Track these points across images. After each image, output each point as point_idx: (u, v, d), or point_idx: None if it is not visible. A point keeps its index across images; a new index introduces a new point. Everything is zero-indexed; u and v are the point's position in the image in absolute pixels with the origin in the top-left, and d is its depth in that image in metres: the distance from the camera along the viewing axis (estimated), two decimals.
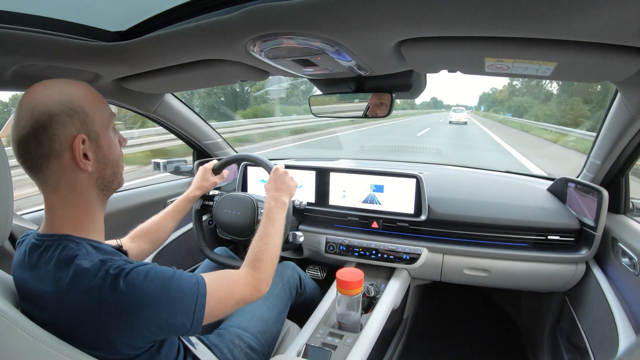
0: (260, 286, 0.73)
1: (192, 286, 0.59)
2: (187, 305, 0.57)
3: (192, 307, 0.58)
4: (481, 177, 1.60)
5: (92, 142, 0.58)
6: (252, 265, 0.75)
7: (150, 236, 0.97)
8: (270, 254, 0.79)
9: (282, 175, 0.99)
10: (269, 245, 0.80)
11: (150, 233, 0.97)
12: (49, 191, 0.57)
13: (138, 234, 0.95)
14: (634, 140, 0.99)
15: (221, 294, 0.64)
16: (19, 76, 0.87)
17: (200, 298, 0.59)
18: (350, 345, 0.89)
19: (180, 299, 0.57)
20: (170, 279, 0.57)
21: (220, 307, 0.64)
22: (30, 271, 0.56)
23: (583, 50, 0.61)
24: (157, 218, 1.01)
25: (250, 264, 0.76)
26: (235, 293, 0.68)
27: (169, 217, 1.02)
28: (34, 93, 0.55)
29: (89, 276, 0.51)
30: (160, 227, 1.00)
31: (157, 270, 0.56)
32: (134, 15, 0.77)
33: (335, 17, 0.59)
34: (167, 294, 0.55)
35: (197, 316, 0.58)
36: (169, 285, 0.56)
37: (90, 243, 0.57)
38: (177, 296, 0.56)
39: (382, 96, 1.07)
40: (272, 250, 0.80)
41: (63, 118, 0.54)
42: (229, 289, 0.67)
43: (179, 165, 1.66)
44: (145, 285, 0.53)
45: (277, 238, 0.84)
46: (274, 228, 0.85)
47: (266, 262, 0.77)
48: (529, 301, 1.57)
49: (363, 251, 1.28)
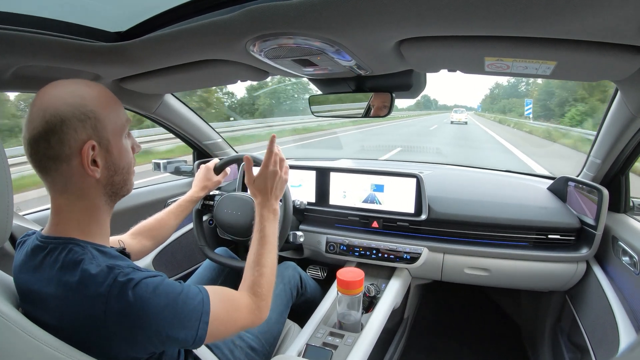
0: (262, 314, 0.72)
1: (198, 304, 0.58)
2: (190, 322, 0.57)
3: (196, 325, 0.57)
4: (481, 177, 1.60)
5: (102, 149, 0.56)
6: (253, 292, 0.73)
7: (153, 233, 0.96)
8: (267, 277, 0.76)
9: (269, 176, 0.83)
10: (266, 267, 0.76)
11: (152, 230, 0.96)
12: (57, 193, 0.56)
13: (140, 230, 0.95)
14: (634, 139, 0.99)
15: (224, 316, 0.63)
16: (19, 77, 0.87)
17: (204, 316, 0.58)
18: (351, 345, 0.89)
19: (186, 315, 0.56)
20: (178, 295, 0.56)
21: (221, 329, 0.63)
22: (33, 273, 0.55)
23: (583, 49, 0.61)
24: (159, 216, 1.01)
25: (251, 290, 0.73)
26: (238, 320, 0.67)
27: (172, 216, 1.02)
28: (48, 94, 0.54)
29: (96, 283, 0.51)
30: (163, 225, 0.99)
31: (166, 284, 0.56)
32: (134, 16, 0.77)
33: (335, 17, 0.59)
34: (174, 309, 0.55)
35: (200, 333, 0.58)
36: (177, 302, 0.55)
37: (96, 247, 0.57)
38: (183, 312, 0.56)
39: (382, 96, 1.07)
40: (269, 273, 0.77)
41: (74, 123, 0.53)
42: (233, 314, 0.66)
43: (179, 165, 1.67)
44: (154, 299, 0.52)
45: (272, 256, 0.79)
46: (268, 245, 0.79)
47: (266, 287, 0.74)
48: (529, 300, 1.57)
49: (363, 251, 1.28)
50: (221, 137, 1.70)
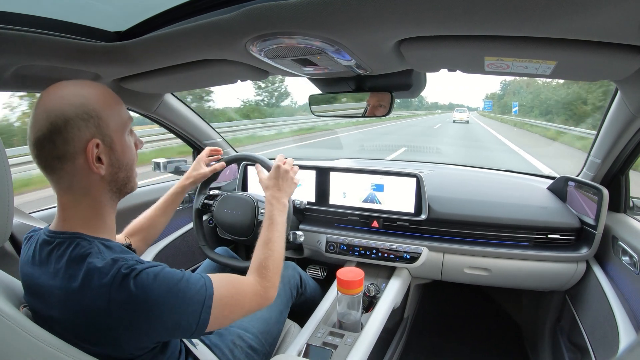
0: (268, 294, 0.73)
1: (200, 288, 0.59)
2: (194, 307, 0.57)
3: (198, 309, 0.58)
4: (481, 176, 1.60)
5: (106, 146, 0.58)
6: (260, 274, 0.74)
7: (144, 234, 0.96)
8: (276, 260, 0.78)
9: (284, 174, 0.95)
10: (274, 251, 0.79)
11: (143, 231, 0.96)
12: (62, 191, 0.58)
13: (131, 231, 0.95)
14: (634, 139, 0.99)
15: (228, 300, 0.64)
16: (19, 77, 0.87)
17: (207, 300, 0.59)
18: (350, 345, 0.89)
19: (188, 300, 0.57)
20: (179, 281, 0.57)
21: (226, 313, 0.63)
22: (40, 267, 0.57)
23: (583, 49, 0.61)
24: (148, 214, 0.99)
25: (257, 272, 0.74)
26: (244, 303, 0.67)
27: (159, 212, 1.00)
28: (51, 95, 0.56)
29: (101, 274, 0.52)
30: (152, 224, 0.98)
31: (166, 272, 0.57)
32: (134, 16, 0.77)
33: (334, 17, 0.59)
34: (176, 295, 0.56)
35: (203, 318, 0.58)
36: (178, 287, 0.56)
37: (102, 242, 0.58)
38: (185, 298, 0.57)
39: (381, 95, 1.07)
40: (277, 256, 0.79)
41: (78, 122, 0.55)
42: (238, 297, 0.66)
43: (179, 165, 1.66)
44: (154, 287, 0.54)
45: (280, 242, 0.83)
46: (277, 232, 0.83)
47: (273, 269, 0.76)
48: (529, 300, 1.57)
49: (363, 250, 1.28)
50: (221, 137, 1.70)
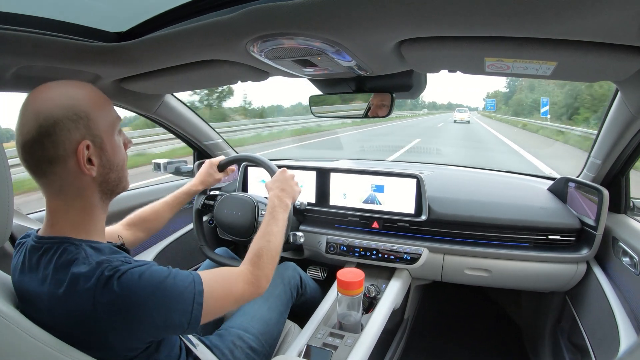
0: (260, 283, 0.72)
1: (189, 285, 0.59)
2: (184, 305, 0.57)
3: (189, 306, 0.57)
4: (481, 177, 1.60)
5: (96, 147, 0.57)
6: (252, 262, 0.75)
7: (147, 225, 0.97)
8: (271, 252, 0.78)
9: (288, 178, 0.99)
10: (271, 243, 0.80)
11: (147, 222, 0.97)
12: (52, 195, 0.57)
13: (135, 221, 0.95)
14: (635, 140, 0.98)
15: (219, 292, 0.64)
16: (19, 77, 0.87)
17: (197, 297, 0.59)
18: (351, 346, 0.89)
19: (176, 298, 0.56)
20: (165, 278, 0.56)
21: (218, 305, 0.63)
22: (29, 273, 0.56)
23: (583, 49, 0.61)
24: (156, 207, 1.00)
25: (250, 261, 0.75)
26: (233, 291, 0.67)
27: (167, 207, 1.02)
28: (38, 96, 0.54)
29: (85, 279, 0.51)
30: (158, 217, 1.00)
31: (152, 270, 0.56)
32: (134, 16, 0.77)
33: (335, 18, 0.59)
34: (162, 293, 0.55)
35: (195, 314, 0.58)
36: (165, 285, 0.55)
37: (90, 244, 0.57)
38: (173, 295, 0.56)
39: (382, 96, 1.07)
40: (273, 248, 0.79)
41: (67, 124, 0.53)
42: (227, 287, 0.67)
43: (180, 166, 1.66)
44: (139, 286, 0.53)
45: (279, 237, 0.84)
46: (276, 227, 0.85)
47: (267, 260, 0.76)
48: (529, 301, 1.57)
49: (364, 251, 1.28)
50: (221, 138, 1.70)
